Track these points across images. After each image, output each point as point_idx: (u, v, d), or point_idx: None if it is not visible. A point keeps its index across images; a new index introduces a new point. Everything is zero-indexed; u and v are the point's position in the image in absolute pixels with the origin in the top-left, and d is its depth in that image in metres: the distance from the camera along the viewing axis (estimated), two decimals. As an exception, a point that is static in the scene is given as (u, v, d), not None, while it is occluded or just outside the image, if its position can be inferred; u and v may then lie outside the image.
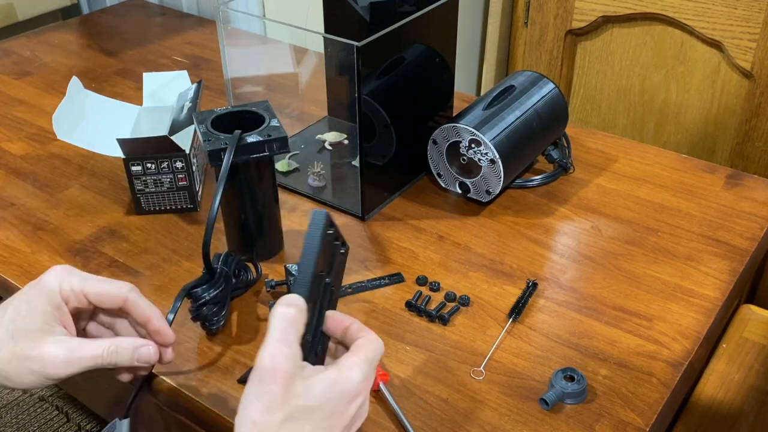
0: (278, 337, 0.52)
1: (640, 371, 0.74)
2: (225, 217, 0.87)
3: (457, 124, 0.93)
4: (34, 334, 0.58)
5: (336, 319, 0.58)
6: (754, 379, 0.87)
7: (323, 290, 0.60)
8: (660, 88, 1.69)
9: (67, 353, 0.58)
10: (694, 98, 1.65)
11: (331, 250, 0.62)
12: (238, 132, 0.79)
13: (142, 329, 0.66)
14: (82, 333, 0.65)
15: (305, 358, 0.54)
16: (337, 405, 0.52)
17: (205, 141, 0.79)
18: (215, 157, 0.78)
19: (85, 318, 0.64)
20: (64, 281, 0.61)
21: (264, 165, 0.83)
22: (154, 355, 0.63)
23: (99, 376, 0.93)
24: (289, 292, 0.81)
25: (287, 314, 0.54)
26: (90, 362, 0.60)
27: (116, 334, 0.67)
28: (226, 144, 0.78)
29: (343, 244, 0.64)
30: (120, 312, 0.65)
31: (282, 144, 0.80)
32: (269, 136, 0.80)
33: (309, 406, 0.51)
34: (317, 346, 0.58)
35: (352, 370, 0.53)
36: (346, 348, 0.57)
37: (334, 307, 0.62)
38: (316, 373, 0.53)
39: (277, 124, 0.81)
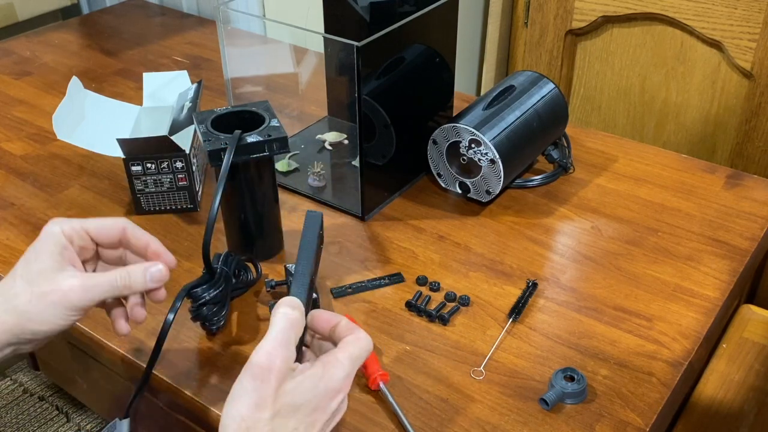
0: (278, 337, 0.54)
1: (640, 371, 0.74)
2: (225, 217, 0.87)
3: (457, 124, 0.93)
4: (48, 273, 0.60)
5: (324, 318, 0.59)
6: (754, 379, 0.87)
7: (309, 288, 0.61)
8: (660, 88, 1.69)
9: (84, 280, 0.61)
10: (694, 98, 1.65)
11: (318, 248, 0.63)
12: (238, 132, 0.79)
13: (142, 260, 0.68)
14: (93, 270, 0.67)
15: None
16: (321, 401, 0.54)
17: (205, 141, 0.79)
18: (215, 157, 0.78)
19: (91, 261, 0.67)
20: (64, 224, 0.63)
21: (264, 165, 0.83)
22: (165, 272, 0.65)
23: (99, 376, 0.93)
24: (288, 293, 0.82)
25: (290, 316, 0.55)
26: (106, 287, 0.62)
27: None
28: (226, 144, 0.78)
29: (322, 241, 0.66)
30: (120, 246, 0.67)
31: (282, 144, 0.80)
32: (269, 136, 0.80)
33: (296, 403, 0.53)
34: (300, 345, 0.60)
35: (336, 368, 0.55)
36: (334, 345, 0.58)
37: (312, 302, 0.63)
38: (304, 370, 0.54)
39: (277, 124, 0.82)
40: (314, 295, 0.80)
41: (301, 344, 0.57)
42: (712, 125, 1.65)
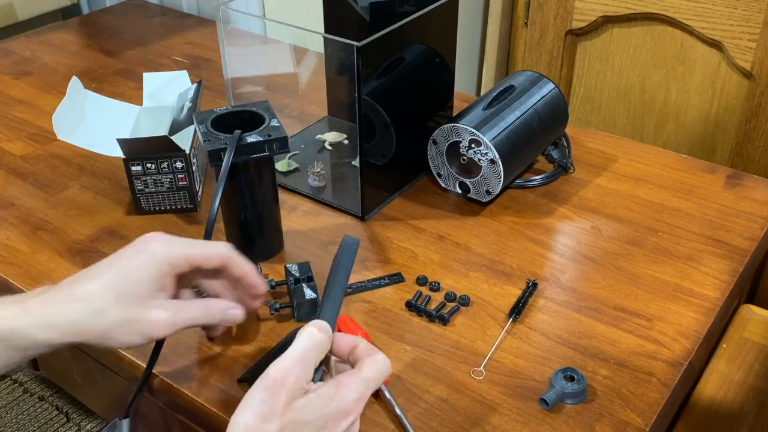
0: (298, 356, 0.54)
1: (640, 371, 0.74)
2: (225, 217, 0.87)
3: (457, 124, 0.93)
4: (142, 300, 0.61)
5: (344, 341, 0.58)
6: (754, 379, 0.87)
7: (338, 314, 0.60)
8: (660, 88, 1.69)
9: (172, 316, 0.62)
10: (694, 98, 1.65)
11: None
12: (238, 132, 0.79)
13: (229, 288, 0.69)
14: (176, 294, 0.67)
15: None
16: (329, 421, 0.53)
17: (205, 141, 0.79)
18: (215, 157, 0.78)
19: (182, 281, 0.67)
20: (170, 250, 0.63)
21: (264, 165, 0.83)
22: (241, 316, 0.67)
23: (99, 376, 0.93)
24: (289, 293, 0.82)
25: (316, 337, 0.55)
26: (188, 323, 0.63)
27: (208, 293, 0.70)
28: (226, 144, 0.78)
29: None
30: (215, 273, 0.68)
31: (282, 144, 0.80)
32: (269, 136, 0.80)
33: (303, 421, 0.52)
34: None
35: (349, 389, 0.54)
36: (352, 367, 0.57)
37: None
38: (317, 388, 0.54)
39: (277, 124, 0.82)
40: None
41: (321, 366, 0.56)
42: (712, 125, 1.65)
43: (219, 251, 0.66)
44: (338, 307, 0.58)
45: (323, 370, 0.58)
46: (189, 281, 0.68)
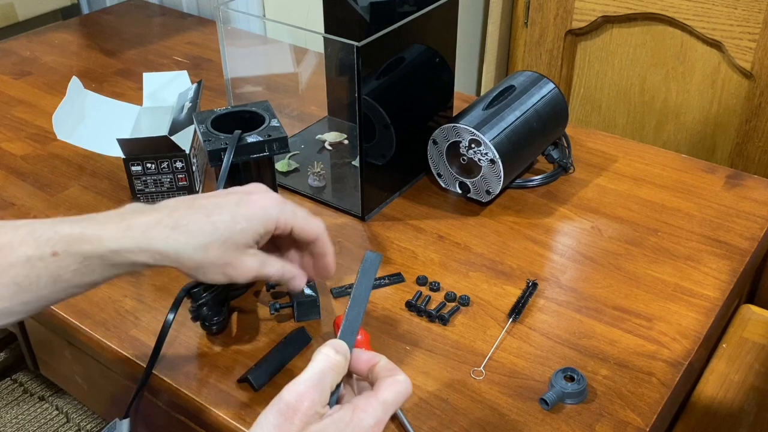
0: (314, 378, 0.52)
1: (640, 371, 0.74)
2: (225, 217, 0.87)
3: (457, 124, 0.93)
4: (242, 247, 0.63)
5: (363, 359, 0.56)
6: (754, 379, 0.87)
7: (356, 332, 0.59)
8: (660, 88, 1.69)
9: (258, 267, 0.65)
10: (694, 98, 1.65)
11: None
12: (238, 132, 0.79)
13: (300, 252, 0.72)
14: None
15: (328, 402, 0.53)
16: None
17: (205, 141, 0.79)
18: (215, 157, 0.78)
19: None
20: (281, 215, 0.65)
21: (264, 165, 0.83)
22: (301, 288, 0.70)
23: (99, 376, 0.93)
24: (289, 293, 0.82)
25: (332, 359, 0.53)
26: (267, 276, 0.66)
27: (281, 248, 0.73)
28: (226, 144, 0.78)
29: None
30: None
31: (282, 144, 0.80)
32: (269, 136, 0.80)
33: None
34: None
35: (366, 413, 0.52)
36: (371, 385, 0.55)
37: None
38: (333, 413, 0.52)
39: (277, 124, 0.82)
40: (313, 293, 0.80)
41: (338, 388, 0.55)
42: (712, 125, 1.65)
43: (317, 228, 0.68)
44: (357, 325, 0.57)
45: (341, 391, 0.56)
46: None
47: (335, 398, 0.54)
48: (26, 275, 0.59)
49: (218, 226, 0.62)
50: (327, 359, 0.53)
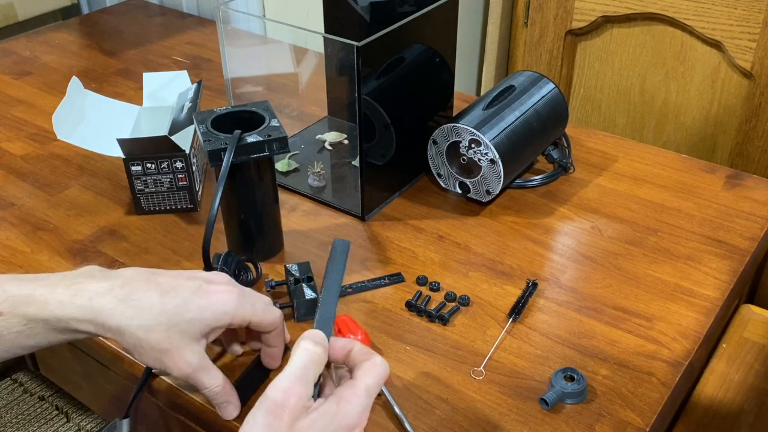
0: (296, 373, 0.53)
1: (640, 371, 0.74)
2: (225, 217, 0.87)
3: (457, 124, 0.93)
4: (186, 338, 0.62)
5: (339, 346, 0.57)
6: (754, 379, 0.87)
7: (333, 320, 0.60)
8: (660, 88, 1.69)
9: (196, 367, 0.63)
10: (694, 98, 1.65)
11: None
12: (237, 132, 0.79)
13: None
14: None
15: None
16: None
17: (205, 141, 0.79)
18: (215, 157, 0.78)
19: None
20: (238, 311, 0.64)
21: (264, 165, 0.83)
22: (231, 417, 0.68)
23: (99, 376, 0.93)
24: (289, 293, 0.82)
25: (313, 352, 0.54)
26: (199, 385, 0.64)
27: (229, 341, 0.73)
28: (226, 144, 0.78)
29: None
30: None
31: (282, 144, 0.80)
32: (269, 136, 0.80)
33: None
34: None
35: (350, 403, 0.53)
36: (350, 371, 0.56)
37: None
38: (318, 407, 0.53)
39: (277, 124, 0.81)
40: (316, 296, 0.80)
41: (319, 379, 0.55)
42: (712, 125, 1.65)
43: (275, 321, 0.67)
44: (332, 313, 0.57)
45: (321, 380, 0.56)
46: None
47: (317, 389, 0.55)
48: None
49: (167, 309, 0.61)
50: (307, 352, 0.53)
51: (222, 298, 0.63)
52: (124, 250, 0.92)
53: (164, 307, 0.61)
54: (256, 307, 0.65)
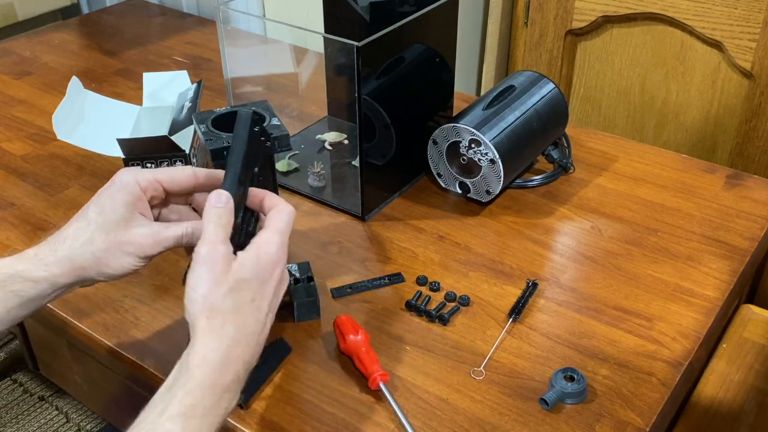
0: (213, 237, 0.59)
1: (640, 371, 0.74)
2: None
3: (457, 124, 0.93)
4: (123, 222, 0.66)
5: (255, 196, 0.66)
6: (754, 379, 0.87)
7: (251, 179, 0.67)
8: (660, 88, 1.68)
9: (155, 234, 0.66)
10: (694, 98, 1.65)
11: (258, 144, 0.70)
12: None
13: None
14: (156, 219, 0.71)
15: (235, 242, 0.61)
16: (265, 273, 0.60)
17: (207, 140, 0.79)
18: (218, 156, 0.78)
19: (158, 206, 0.71)
20: (138, 175, 0.67)
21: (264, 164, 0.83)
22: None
23: (99, 376, 0.93)
24: (289, 293, 0.82)
25: (218, 216, 0.61)
26: (172, 242, 0.67)
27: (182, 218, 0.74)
28: (228, 143, 0.78)
29: (267, 138, 0.73)
30: (191, 193, 0.71)
31: (284, 142, 0.80)
32: (271, 134, 0.80)
33: (245, 278, 0.59)
34: (248, 226, 0.66)
35: (269, 244, 0.61)
36: (265, 215, 0.65)
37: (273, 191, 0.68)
38: (243, 254, 0.60)
39: (278, 123, 0.81)
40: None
41: (240, 226, 0.63)
42: (712, 125, 1.64)
43: (185, 173, 0.69)
44: (236, 175, 0.63)
45: (252, 228, 0.66)
46: (164, 206, 0.72)
47: (245, 233, 0.65)
48: None
49: (91, 219, 0.66)
50: (218, 218, 0.60)
51: (122, 175, 0.67)
52: (124, 250, 0.92)
53: (87, 218, 0.66)
54: (159, 169, 0.69)
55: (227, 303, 0.58)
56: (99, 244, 0.65)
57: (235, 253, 0.61)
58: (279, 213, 0.63)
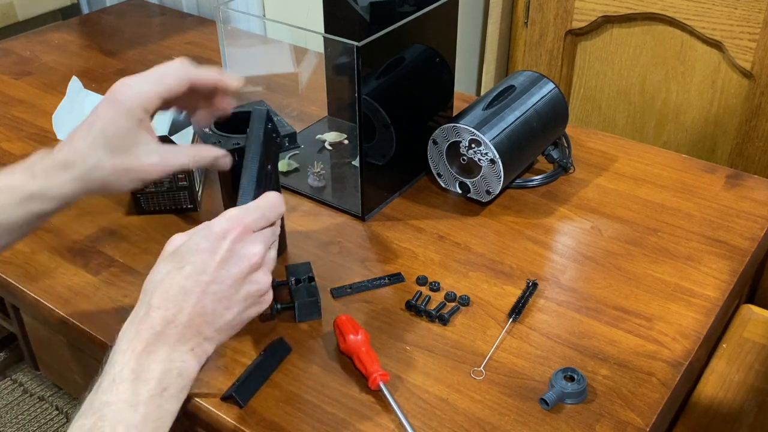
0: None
1: (640, 371, 0.74)
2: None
3: (457, 124, 0.93)
4: (130, 148, 0.67)
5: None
6: (754, 379, 0.87)
7: (265, 176, 0.67)
8: (660, 88, 1.68)
9: (162, 160, 0.69)
10: (694, 98, 1.65)
11: (271, 142, 0.69)
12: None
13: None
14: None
15: None
16: (204, 242, 0.59)
17: (215, 143, 0.78)
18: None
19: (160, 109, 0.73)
20: (139, 97, 0.68)
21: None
22: (230, 164, 0.74)
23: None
24: (290, 293, 0.82)
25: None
26: (179, 167, 0.70)
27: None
28: (237, 144, 0.77)
29: (278, 135, 0.72)
30: (190, 91, 0.72)
31: (292, 139, 0.80)
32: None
33: (188, 243, 0.60)
34: None
35: (222, 215, 0.61)
36: None
37: (276, 188, 0.66)
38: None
39: (283, 121, 0.81)
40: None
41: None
42: (712, 125, 1.64)
43: (179, 78, 0.69)
44: (253, 185, 0.64)
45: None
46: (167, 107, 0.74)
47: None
48: None
49: (98, 143, 0.67)
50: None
51: (121, 96, 0.67)
52: (124, 250, 0.92)
53: (94, 142, 0.67)
54: (152, 78, 0.69)
55: (162, 266, 0.59)
56: (107, 169, 0.67)
57: None
58: (263, 197, 0.64)
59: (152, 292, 0.59)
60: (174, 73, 0.70)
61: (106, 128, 0.67)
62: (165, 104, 0.71)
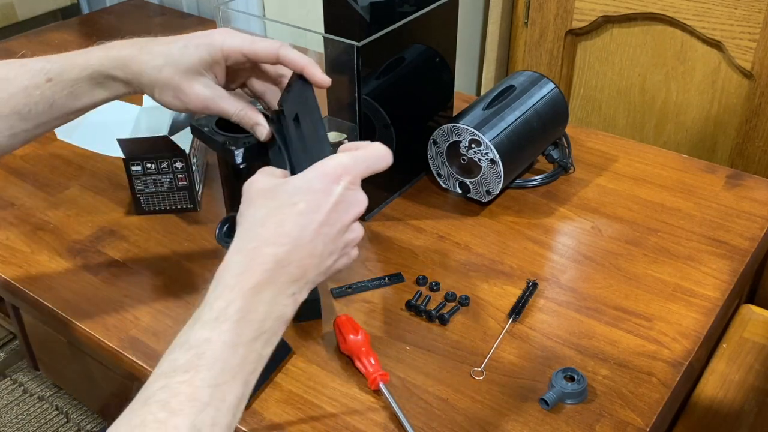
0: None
1: (640, 371, 0.74)
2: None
3: (457, 124, 0.93)
4: (192, 73, 0.70)
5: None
6: (754, 379, 0.87)
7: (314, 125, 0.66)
8: (660, 88, 1.68)
9: (211, 97, 0.71)
10: (694, 98, 1.65)
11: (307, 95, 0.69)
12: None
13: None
14: (227, 87, 0.75)
15: None
16: (316, 182, 0.57)
17: (224, 143, 0.78)
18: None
19: (242, 77, 0.76)
20: (228, 41, 0.71)
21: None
22: (264, 136, 0.74)
23: (99, 376, 0.93)
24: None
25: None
26: (222, 113, 0.73)
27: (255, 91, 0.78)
28: (247, 142, 0.77)
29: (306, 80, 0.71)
30: (275, 63, 0.73)
31: None
32: None
33: (296, 185, 0.57)
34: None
35: (331, 159, 0.58)
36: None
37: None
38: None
39: None
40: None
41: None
42: (712, 125, 1.64)
43: (269, 48, 0.71)
44: (324, 134, 0.64)
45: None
46: (242, 79, 0.76)
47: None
48: (25, 103, 0.71)
49: (172, 52, 0.70)
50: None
51: (215, 35, 0.71)
52: (124, 250, 0.92)
53: (170, 50, 0.70)
54: (249, 39, 0.71)
55: (259, 202, 0.57)
56: (164, 77, 0.70)
57: None
58: (372, 146, 0.61)
59: (261, 223, 0.56)
60: (270, 44, 0.71)
61: (187, 50, 0.70)
62: (243, 73, 0.74)
